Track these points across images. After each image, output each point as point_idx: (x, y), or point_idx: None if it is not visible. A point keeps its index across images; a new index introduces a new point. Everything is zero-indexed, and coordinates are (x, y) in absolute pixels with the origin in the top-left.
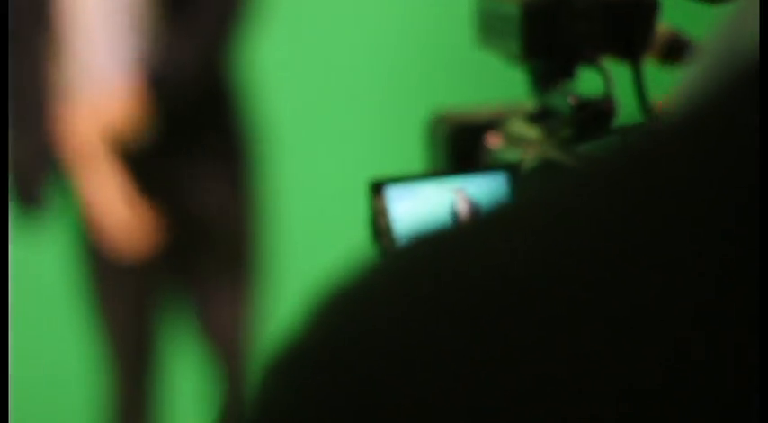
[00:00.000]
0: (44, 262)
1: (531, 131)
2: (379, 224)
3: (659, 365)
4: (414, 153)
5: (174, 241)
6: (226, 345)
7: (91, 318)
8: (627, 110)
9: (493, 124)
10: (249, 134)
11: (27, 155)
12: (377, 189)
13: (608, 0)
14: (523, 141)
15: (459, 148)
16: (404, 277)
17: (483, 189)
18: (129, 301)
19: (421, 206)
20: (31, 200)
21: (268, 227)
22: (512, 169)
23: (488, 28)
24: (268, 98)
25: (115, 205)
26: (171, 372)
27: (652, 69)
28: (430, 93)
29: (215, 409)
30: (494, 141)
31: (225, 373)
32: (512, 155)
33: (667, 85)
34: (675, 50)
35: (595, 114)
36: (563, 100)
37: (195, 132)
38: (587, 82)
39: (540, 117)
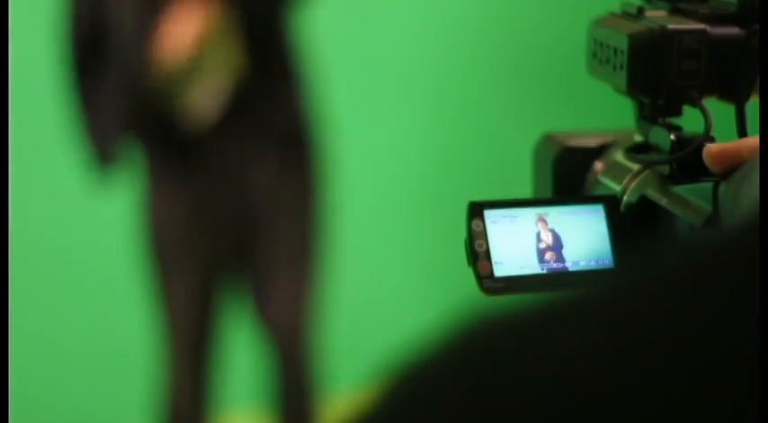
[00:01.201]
0: (109, 235)
1: (630, 163)
2: (473, 246)
3: None
4: (519, 173)
5: (235, 226)
6: (283, 329)
7: (152, 298)
8: None
9: (601, 150)
10: (312, 120)
11: (102, 116)
12: (476, 210)
13: (715, 40)
14: (623, 172)
15: (564, 170)
16: (472, 364)
17: (576, 221)
18: (190, 283)
19: (514, 232)
20: (104, 160)
21: (329, 214)
22: (610, 202)
23: (598, 57)
24: (340, 89)
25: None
26: (228, 354)
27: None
28: (540, 114)
29: (270, 392)
30: (599, 168)
31: (281, 357)
32: (612, 184)
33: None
34: None
35: (694, 153)
36: (664, 135)
37: (254, 118)
38: (692, 120)
39: (641, 149)
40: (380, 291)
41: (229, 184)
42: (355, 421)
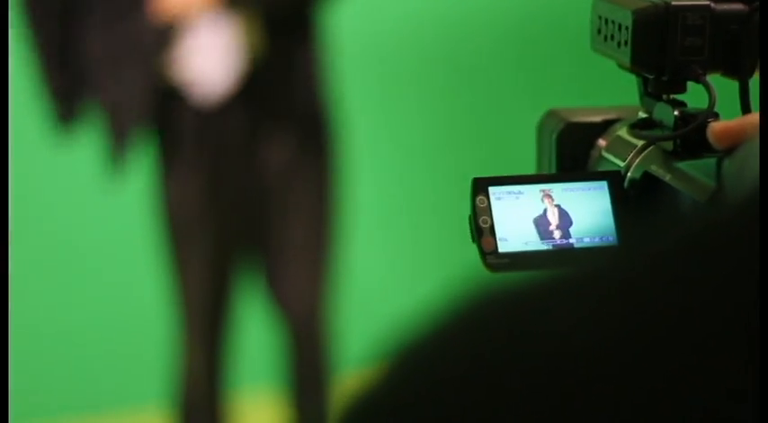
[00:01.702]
0: (124, 216)
1: (634, 139)
2: (478, 222)
3: None
4: (523, 148)
5: (250, 207)
6: (297, 310)
7: (167, 279)
8: None
9: (605, 126)
10: (328, 106)
11: (118, 101)
12: (480, 187)
13: (719, 16)
14: (627, 148)
15: (567, 146)
16: (474, 338)
17: (580, 197)
18: (205, 264)
19: (518, 209)
20: (121, 144)
21: (342, 197)
22: (614, 178)
23: (602, 34)
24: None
25: None
26: (242, 335)
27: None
28: (544, 90)
29: (284, 373)
30: (603, 144)
31: (295, 338)
32: (616, 160)
33: None
34: None
35: (698, 129)
36: (668, 112)
37: (272, 101)
38: (697, 96)
39: (645, 126)
40: (392, 272)
41: (245, 165)
42: (353, 402)
